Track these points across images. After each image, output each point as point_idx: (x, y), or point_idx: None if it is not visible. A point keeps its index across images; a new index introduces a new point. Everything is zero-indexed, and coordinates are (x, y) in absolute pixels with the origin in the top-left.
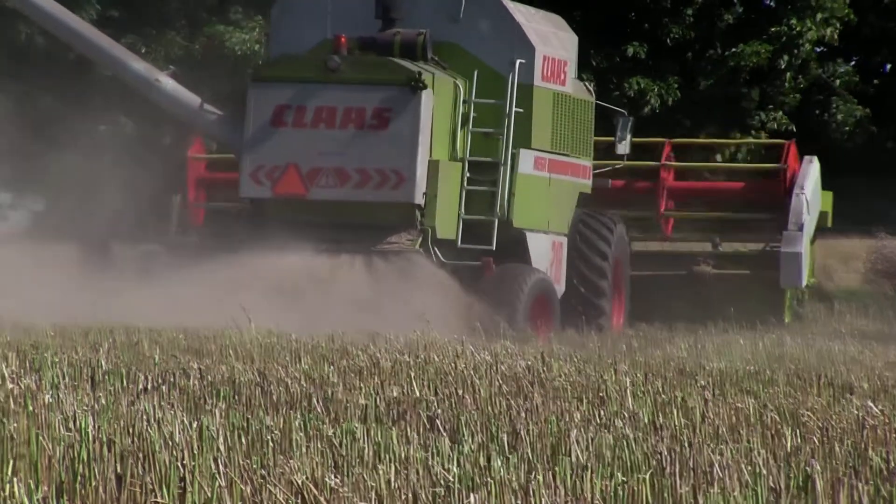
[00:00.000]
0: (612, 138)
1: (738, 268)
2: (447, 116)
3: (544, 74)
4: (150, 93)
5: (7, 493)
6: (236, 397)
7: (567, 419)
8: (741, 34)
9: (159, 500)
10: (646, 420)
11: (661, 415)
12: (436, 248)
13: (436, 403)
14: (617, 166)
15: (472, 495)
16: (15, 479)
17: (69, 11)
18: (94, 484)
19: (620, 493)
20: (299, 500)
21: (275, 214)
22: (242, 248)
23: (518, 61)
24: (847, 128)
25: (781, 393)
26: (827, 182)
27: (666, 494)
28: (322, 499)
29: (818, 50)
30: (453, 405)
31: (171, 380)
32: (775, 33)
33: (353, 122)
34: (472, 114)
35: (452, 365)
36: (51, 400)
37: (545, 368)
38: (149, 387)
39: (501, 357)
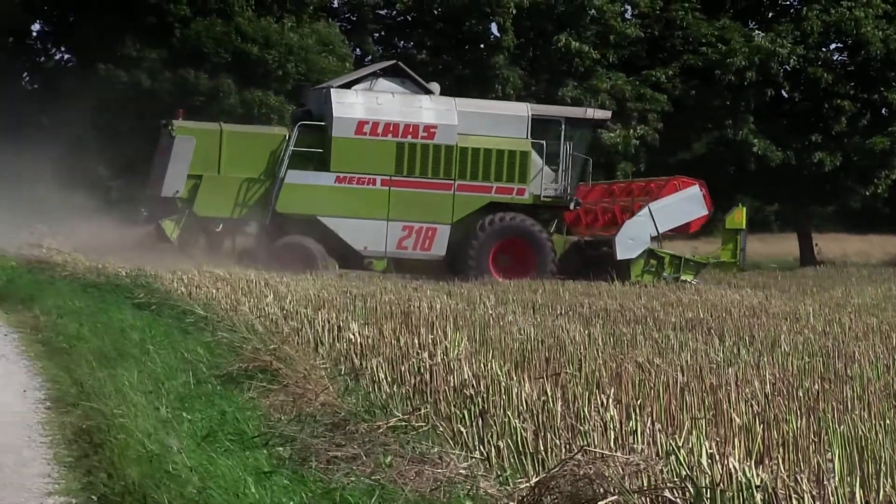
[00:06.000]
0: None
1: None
2: (264, 153)
3: (357, 130)
4: None
5: (489, 367)
6: (608, 317)
7: (778, 328)
8: (872, 131)
9: (567, 370)
10: (819, 329)
11: (828, 326)
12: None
13: (711, 320)
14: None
15: (729, 369)
16: (492, 360)
17: None
18: (533, 362)
19: (806, 367)
20: (639, 371)
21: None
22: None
23: (300, 122)
24: None
25: (890, 315)
26: None
27: (830, 368)
28: (652, 371)
29: None
30: (720, 321)
31: (574, 308)
32: (891, 131)
33: (160, 154)
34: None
35: (720, 301)
36: (511, 319)
37: (767, 303)
38: (562, 312)
39: (744, 297)
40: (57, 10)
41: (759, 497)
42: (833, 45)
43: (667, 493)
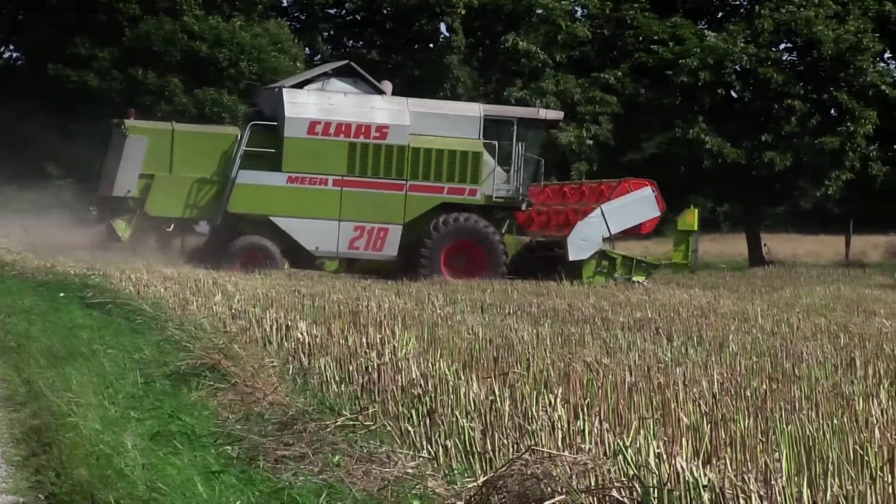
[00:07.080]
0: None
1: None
2: (216, 153)
3: (309, 130)
4: None
5: (437, 367)
6: (556, 317)
7: (727, 328)
8: (823, 131)
9: (515, 370)
10: (768, 329)
11: (776, 326)
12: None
13: (659, 320)
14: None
15: (677, 368)
16: (440, 360)
17: None
18: (482, 362)
19: (754, 367)
20: (587, 370)
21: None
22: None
23: (252, 123)
24: (879, 176)
25: (839, 316)
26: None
27: (778, 367)
28: (601, 370)
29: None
30: (669, 321)
31: (523, 308)
32: (841, 131)
33: (112, 153)
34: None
35: (669, 300)
36: (460, 318)
37: (716, 303)
38: (510, 312)
39: (693, 297)
40: (6, 9)
41: (706, 497)
42: (783, 45)
43: (614, 493)
